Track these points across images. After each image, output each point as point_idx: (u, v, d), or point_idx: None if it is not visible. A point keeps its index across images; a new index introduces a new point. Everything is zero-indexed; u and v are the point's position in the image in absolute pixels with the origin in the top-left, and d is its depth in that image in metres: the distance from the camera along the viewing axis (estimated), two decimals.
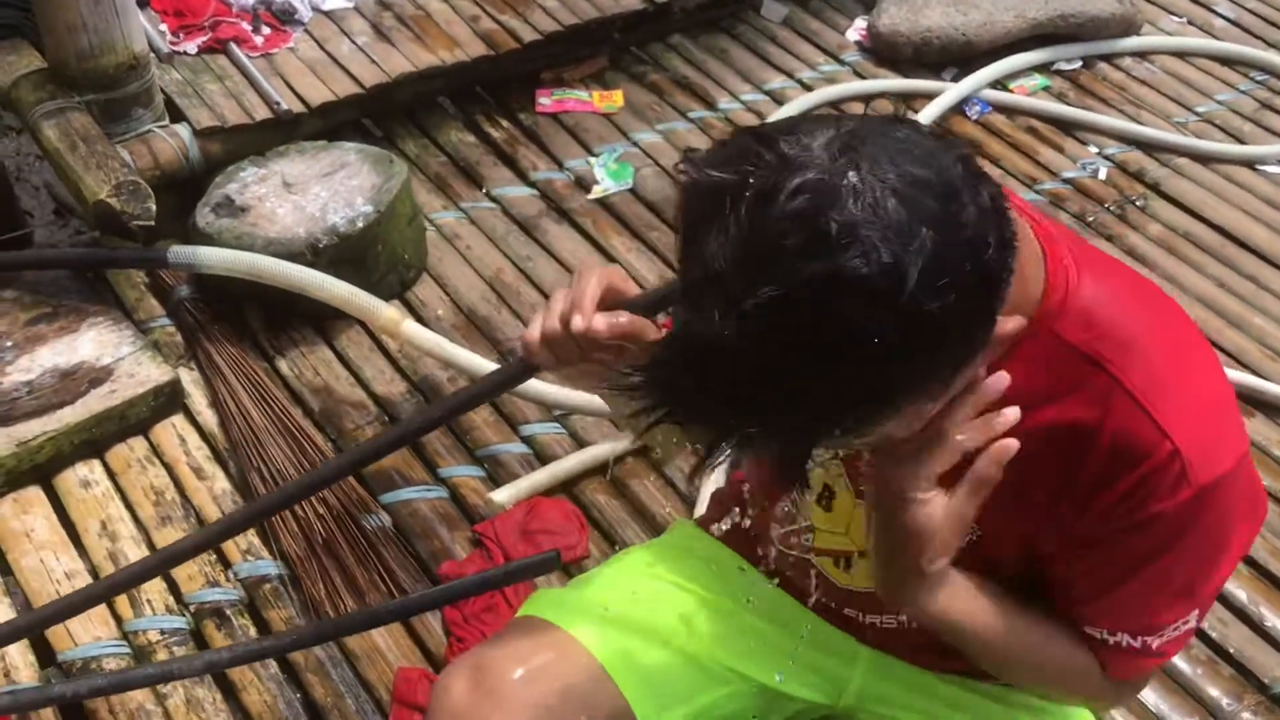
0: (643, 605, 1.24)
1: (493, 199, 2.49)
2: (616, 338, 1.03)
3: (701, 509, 1.82)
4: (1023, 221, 0.93)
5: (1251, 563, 1.89)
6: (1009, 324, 0.87)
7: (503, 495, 1.88)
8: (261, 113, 2.37)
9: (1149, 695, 1.70)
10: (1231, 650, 1.77)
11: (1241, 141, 2.78)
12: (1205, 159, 2.71)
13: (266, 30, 2.57)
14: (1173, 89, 2.94)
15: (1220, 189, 2.64)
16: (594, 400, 1.99)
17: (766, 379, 0.78)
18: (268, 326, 2.17)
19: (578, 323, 1.01)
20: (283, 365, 2.11)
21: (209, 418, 2.01)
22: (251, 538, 1.82)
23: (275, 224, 2.08)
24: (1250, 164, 2.71)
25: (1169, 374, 0.95)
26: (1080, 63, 2.98)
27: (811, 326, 0.76)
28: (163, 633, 1.71)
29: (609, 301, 1.03)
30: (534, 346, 1.05)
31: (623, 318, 1.03)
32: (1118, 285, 0.99)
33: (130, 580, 1.54)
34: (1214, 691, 1.72)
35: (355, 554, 1.79)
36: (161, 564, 1.50)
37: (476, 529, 1.85)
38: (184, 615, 1.74)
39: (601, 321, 1.01)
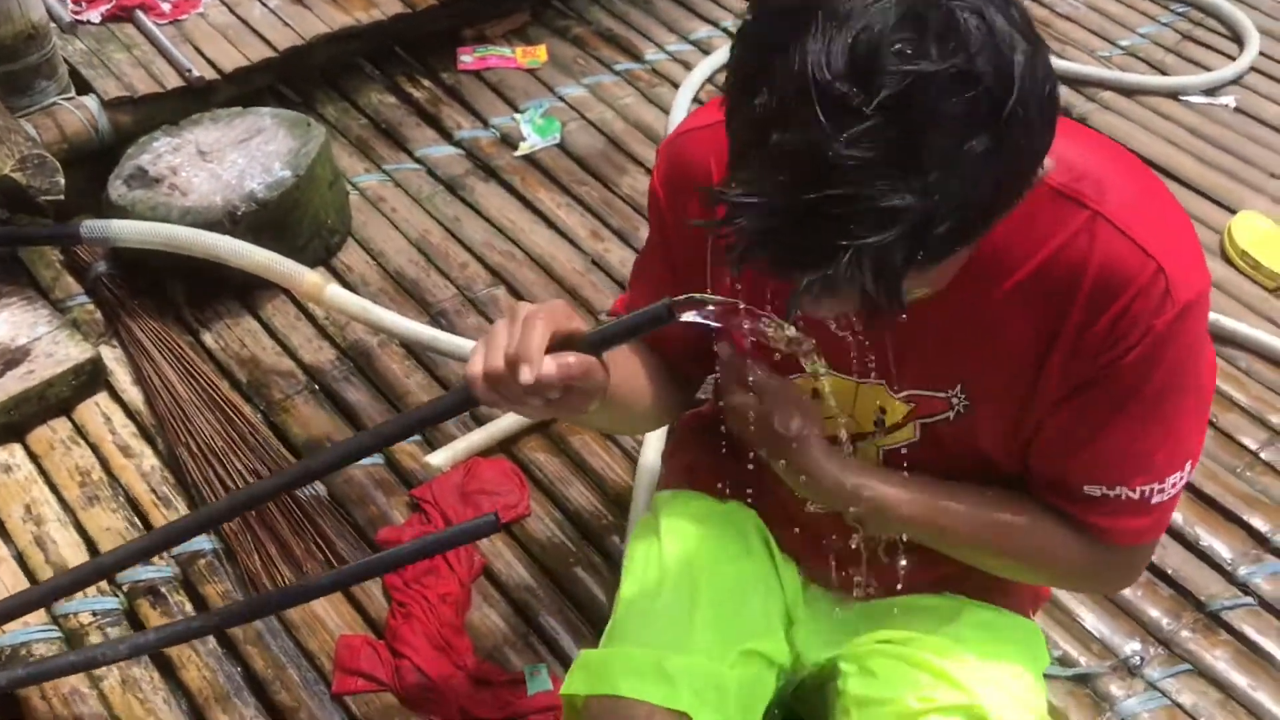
0: (686, 636, 1.24)
1: (417, 160, 2.44)
2: (565, 381, 1.00)
3: (648, 460, 1.81)
4: None
5: (1186, 486, 1.90)
6: (1048, 166, 0.89)
7: (439, 458, 1.85)
8: (173, 81, 2.30)
9: (1090, 618, 1.72)
10: (1170, 571, 1.79)
11: (1164, 73, 2.79)
12: (1130, 91, 2.72)
13: None
14: (1096, 23, 2.95)
15: (1146, 121, 2.66)
16: None
17: (868, 189, 0.77)
18: (190, 300, 2.11)
19: (526, 375, 0.96)
20: (207, 338, 2.06)
21: (134, 395, 1.96)
22: (183, 513, 1.78)
23: (191, 193, 2.02)
24: (1174, 95, 2.73)
25: (1142, 204, 1.00)
26: None
27: (921, 127, 0.77)
28: (95, 614, 1.66)
29: (555, 342, 1.00)
30: (476, 383, 1.00)
31: (571, 359, 0.99)
32: (1086, 136, 1.04)
33: (71, 586, 1.48)
34: (1154, 612, 1.74)
35: (290, 525, 1.76)
36: (98, 572, 1.46)
37: (414, 493, 1.83)
38: (116, 595, 1.69)
39: (551, 367, 0.98)
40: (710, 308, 1.00)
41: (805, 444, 1.13)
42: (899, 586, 1.31)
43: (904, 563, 1.26)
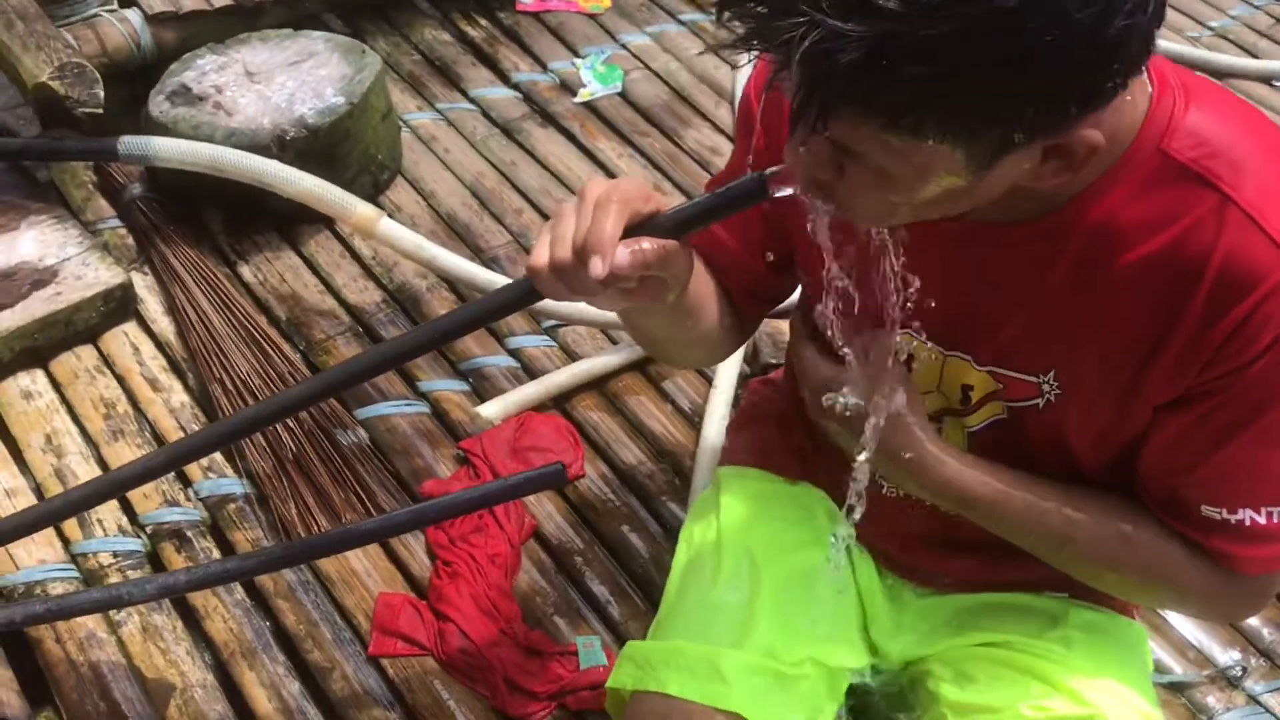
0: (744, 631, 1.14)
1: (471, 100, 2.31)
2: (641, 271, 0.89)
3: (712, 431, 1.69)
4: None
5: None
6: (1091, 132, 0.79)
7: (491, 409, 1.73)
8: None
9: (1186, 624, 1.59)
10: None
11: (1256, 56, 2.66)
12: (1220, 74, 2.58)
13: None
14: (1186, 4, 2.81)
15: None
16: (587, 310, 1.84)
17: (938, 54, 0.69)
18: (228, 229, 1.98)
19: (598, 268, 0.86)
20: (245, 271, 1.94)
21: (165, 325, 1.83)
22: (214, 455, 1.65)
23: (237, 114, 1.89)
24: (1266, 79, 2.59)
25: None
26: None
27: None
28: (115, 555, 1.54)
29: (629, 226, 0.89)
30: (541, 276, 0.90)
31: (647, 244, 0.89)
32: (1228, 109, 0.91)
33: (81, 503, 1.35)
34: (1255, 621, 1.61)
35: (329, 472, 1.64)
36: (114, 486, 1.32)
37: (462, 445, 1.70)
38: (139, 537, 1.57)
39: (625, 259, 0.87)
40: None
41: (904, 422, 1.01)
42: (993, 584, 1.20)
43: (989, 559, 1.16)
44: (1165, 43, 2.63)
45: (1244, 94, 2.55)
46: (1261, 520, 0.96)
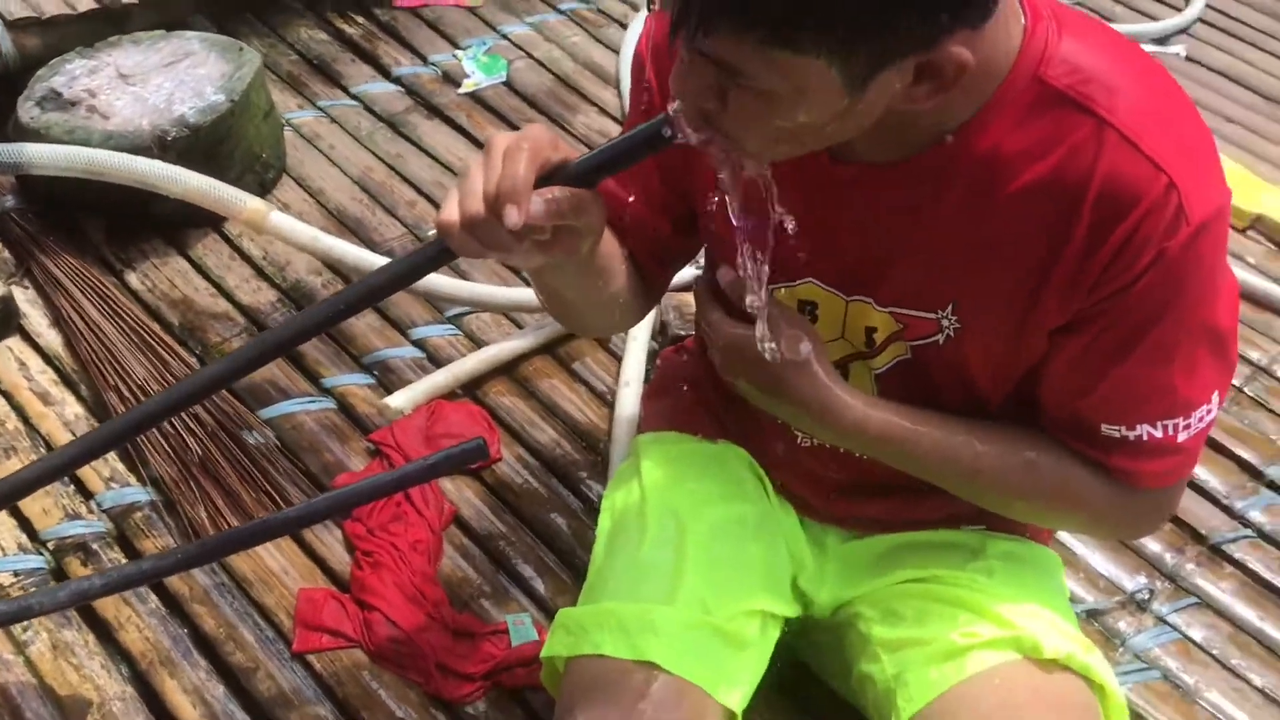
0: (674, 587, 1.14)
1: (353, 97, 2.27)
2: (555, 220, 0.89)
3: (627, 405, 1.69)
4: None
5: None
6: (959, 48, 0.81)
7: (400, 400, 1.70)
8: (85, 3, 2.10)
9: (1095, 555, 1.65)
10: None
11: (1113, 22, 2.77)
12: None
13: None
14: None
15: None
16: (492, 293, 1.83)
17: None
18: (111, 237, 1.92)
19: (513, 217, 0.85)
20: (132, 279, 1.87)
21: (52, 338, 1.76)
22: (114, 463, 1.60)
23: (114, 117, 1.83)
24: None
25: (1156, 112, 0.91)
26: None
27: None
28: (16, 574, 1.47)
29: (540, 175, 0.88)
30: (453, 232, 0.88)
31: (560, 193, 0.88)
32: (1100, 36, 0.94)
33: None
34: (1156, 547, 1.68)
35: (237, 473, 1.59)
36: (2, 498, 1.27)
37: (372, 438, 1.67)
38: (41, 554, 1.51)
39: (540, 208, 0.87)
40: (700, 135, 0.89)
41: (811, 370, 1.03)
42: (911, 522, 1.23)
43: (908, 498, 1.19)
44: None
45: None
46: (1159, 434, 1.00)
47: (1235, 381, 1.94)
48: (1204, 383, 0.99)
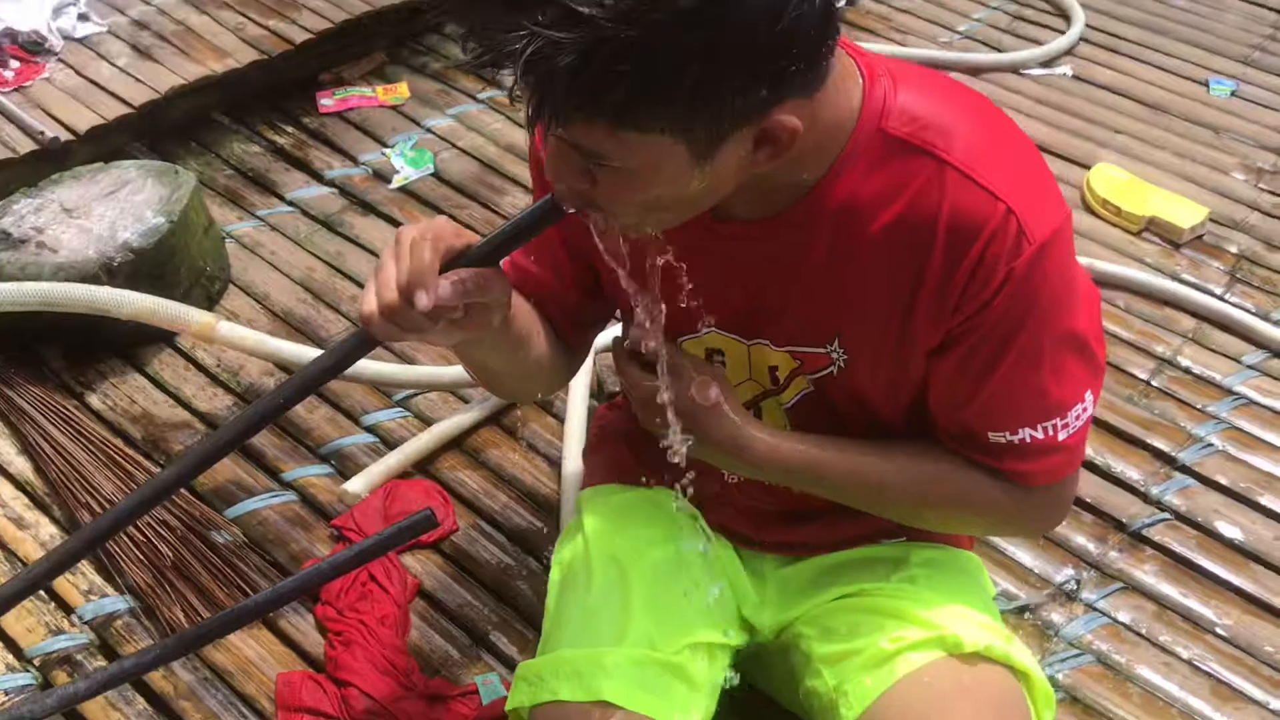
0: (622, 628, 1.22)
1: (289, 203, 2.39)
2: (464, 298, 0.99)
3: (571, 464, 1.78)
4: (839, 47, 0.98)
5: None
6: (788, 117, 0.90)
7: (357, 484, 1.80)
8: (25, 146, 2.22)
9: (1022, 552, 1.76)
10: (1089, 499, 1.84)
11: (1002, 51, 2.93)
12: (975, 71, 2.85)
13: (15, 64, 2.41)
14: (933, 14, 3.08)
15: (993, 95, 2.76)
16: (436, 374, 1.93)
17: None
18: (69, 363, 2.01)
19: (423, 301, 0.95)
20: (93, 400, 1.97)
21: (21, 465, 1.85)
22: (91, 576, 1.68)
23: (62, 249, 1.94)
24: (1015, 69, 2.86)
25: (989, 148, 1.01)
26: (844, 0, 3.08)
27: None
28: (7, 693, 1.55)
29: (445, 261, 0.98)
30: (372, 321, 0.99)
31: (466, 274, 0.98)
32: (931, 86, 1.05)
33: None
34: (1080, 539, 1.79)
35: (209, 572, 1.68)
36: None
37: (335, 524, 1.76)
38: (28, 671, 1.58)
39: (447, 291, 0.97)
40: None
41: (721, 412, 1.14)
42: (838, 542, 1.33)
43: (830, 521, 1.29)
44: (921, 50, 2.88)
45: (998, 84, 2.81)
46: (1040, 436, 1.09)
47: (1142, 375, 2.07)
48: (1074, 384, 1.09)
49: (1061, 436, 1.10)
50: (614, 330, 1.79)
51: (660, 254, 1.08)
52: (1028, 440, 1.10)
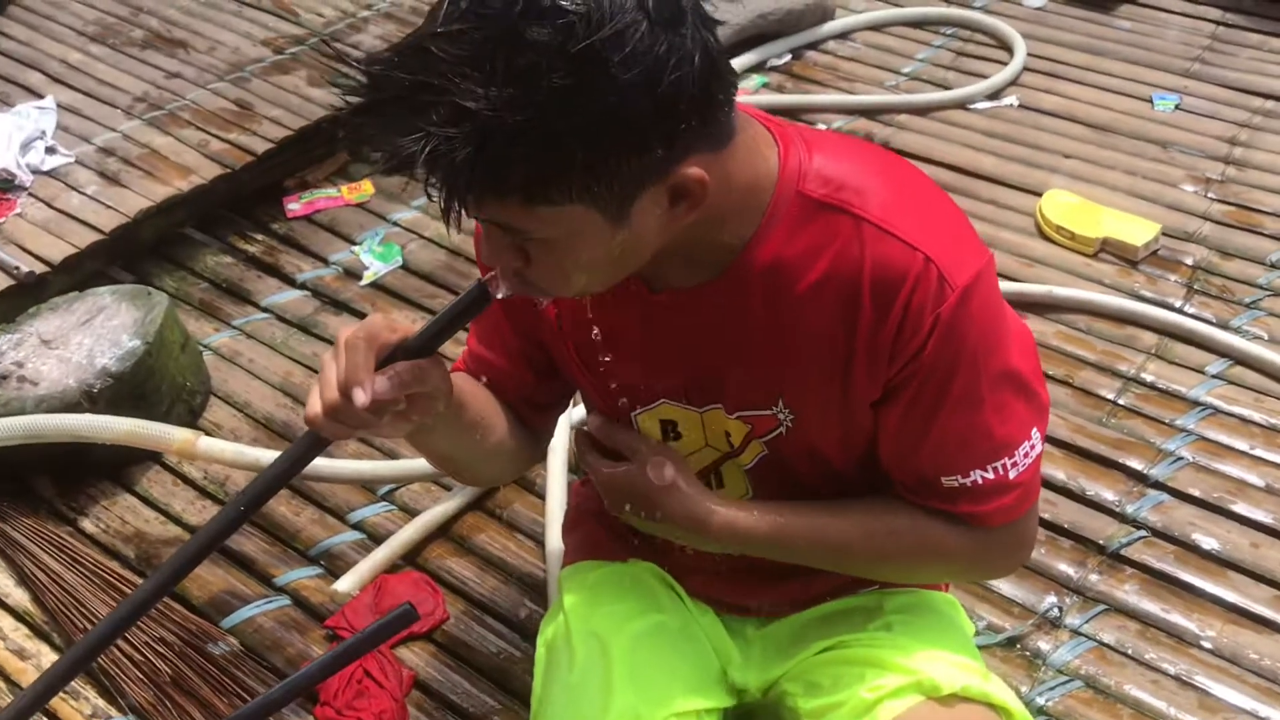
0: (605, 704, 1.24)
1: (264, 310, 2.44)
2: (402, 390, 1.02)
3: (555, 541, 1.81)
4: (748, 115, 1.04)
5: (1061, 444, 2.01)
6: (693, 169, 0.95)
7: (346, 583, 1.83)
8: (2, 282, 2.27)
9: (1004, 584, 1.78)
10: (1066, 524, 1.87)
11: (948, 88, 2.99)
12: (922, 110, 2.91)
13: None
14: (877, 59, 3.14)
15: (942, 132, 2.83)
16: (415, 466, 1.97)
17: (449, 84, 0.84)
18: (60, 491, 2.06)
19: (360, 398, 0.99)
20: (86, 524, 2.01)
21: (20, 597, 1.89)
22: (94, 699, 1.71)
23: (42, 382, 1.99)
24: (962, 105, 2.92)
25: (903, 201, 1.05)
26: (789, 55, 3.15)
27: (504, 40, 0.84)
28: None
29: (382, 356, 1.03)
30: (318, 422, 1.03)
31: (401, 367, 1.02)
32: (846, 150, 1.09)
33: None
34: (1061, 565, 1.81)
35: (209, 684, 1.71)
36: None
37: (328, 624, 1.80)
38: None
39: (384, 386, 1.01)
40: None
41: (678, 489, 1.18)
42: (815, 598, 1.36)
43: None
44: (868, 97, 2.94)
45: (947, 121, 2.87)
46: (991, 476, 1.12)
47: (1109, 395, 2.10)
48: (1019, 422, 1.12)
49: (1013, 475, 1.12)
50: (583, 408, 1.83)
51: (602, 329, 1.12)
52: (980, 481, 1.12)
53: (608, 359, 1.20)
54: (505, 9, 0.84)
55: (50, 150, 2.64)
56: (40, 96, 2.85)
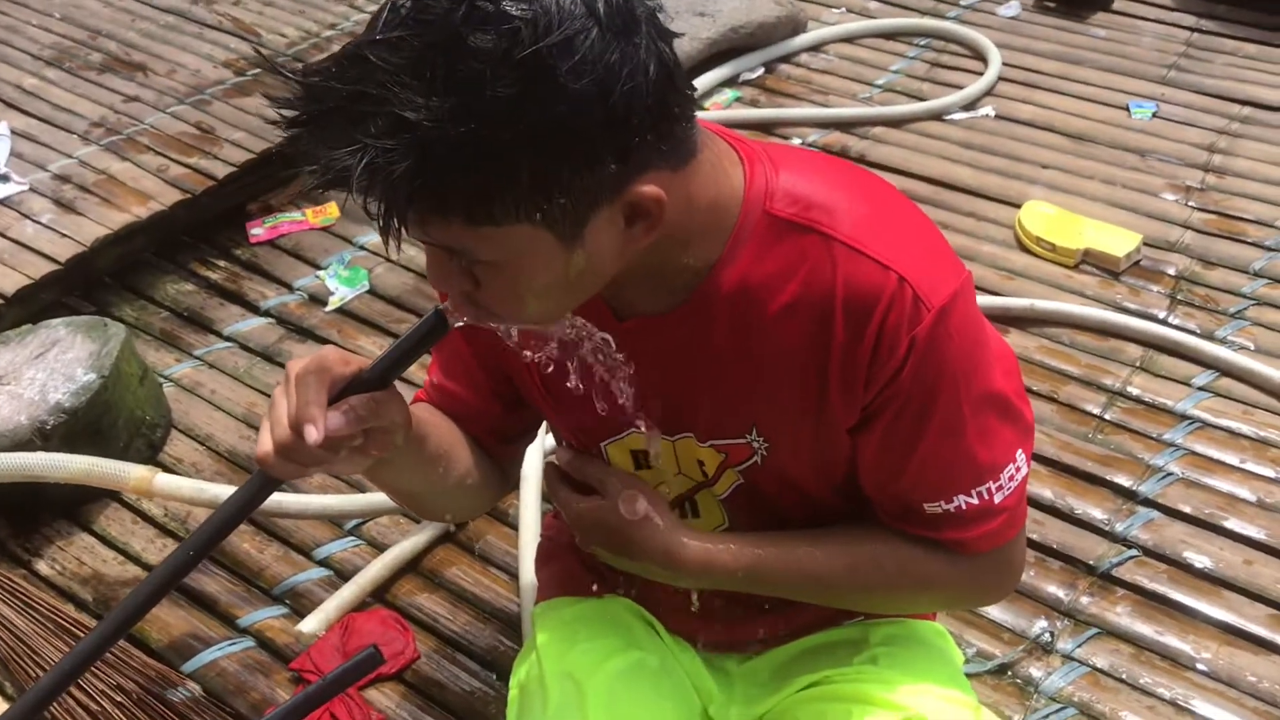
0: None
1: (226, 339, 2.37)
2: (357, 426, 0.97)
3: (528, 577, 1.75)
4: (710, 132, 0.99)
5: (1048, 461, 1.96)
6: (649, 187, 0.89)
7: (311, 624, 1.76)
8: None
9: (993, 609, 1.73)
10: (1054, 545, 1.82)
11: (923, 99, 2.95)
12: (897, 122, 2.87)
13: None
14: (851, 71, 3.10)
15: (919, 144, 2.79)
16: (383, 499, 1.90)
17: (388, 94, 0.80)
18: (14, 532, 1.98)
19: (313, 435, 0.93)
20: (41, 566, 1.93)
21: None
22: None
23: None
24: (937, 116, 2.88)
25: (875, 220, 1.00)
26: (762, 69, 3.11)
27: (445, 48, 0.79)
28: None
29: (335, 391, 0.96)
30: (269, 461, 0.96)
31: (355, 402, 0.96)
32: (815, 167, 1.05)
33: None
34: (1050, 587, 1.76)
35: None
36: None
37: (293, 666, 1.73)
38: None
39: (338, 421, 0.95)
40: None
41: (651, 525, 1.12)
42: (796, 631, 1.30)
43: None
44: (842, 110, 2.90)
45: (922, 133, 2.83)
46: (975, 501, 1.07)
47: (1094, 410, 2.06)
48: (1003, 445, 1.07)
49: (998, 499, 1.08)
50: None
51: (567, 358, 1.07)
52: (963, 507, 1.08)
53: (575, 389, 1.14)
54: (447, 15, 0.80)
55: (3, 178, 2.57)
56: None
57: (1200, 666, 1.64)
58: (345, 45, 0.84)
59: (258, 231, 2.62)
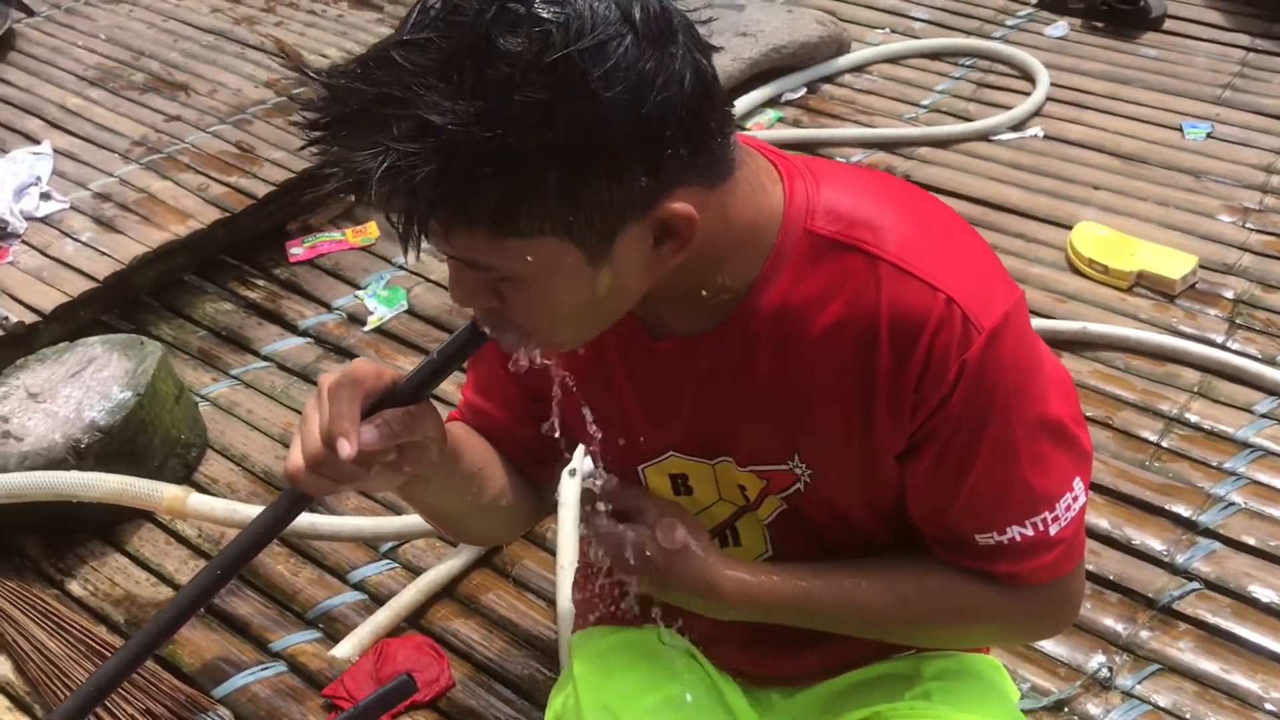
0: None
1: (264, 358, 2.35)
2: (391, 440, 0.93)
3: (565, 602, 1.71)
4: (750, 148, 0.96)
5: (1103, 490, 1.89)
6: (680, 204, 0.86)
7: (345, 649, 1.72)
8: None
9: (1048, 643, 1.66)
10: (1111, 576, 1.75)
11: (970, 119, 2.90)
12: (944, 143, 2.82)
13: None
14: (896, 91, 3.06)
15: (966, 165, 2.74)
16: (419, 521, 1.87)
17: (414, 95, 0.77)
18: (47, 551, 1.96)
19: (346, 449, 0.89)
20: (74, 587, 1.91)
21: (1, 666, 1.79)
22: None
23: (28, 437, 1.89)
24: (984, 136, 2.83)
25: (922, 238, 0.96)
26: (805, 89, 3.07)
27: (474, 51, 0.77)
28: None
29: (368, 404, 0.93)
30: (299, 477, 0.93)
31: (390, 415, 0.93)
32: (858, 182, 1.00)
33: None
34: (1108, 620, 1.70)
35: None
36: None
37: (326, 693, 1.69)
38: None
39: (372, 435, 0.92)
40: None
41: (689, 554, 1.07)
42: (845, 664, 1.25)
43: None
44: (887, 130, 2.85)
45: (970, 153, 2.78)
46: (1030, 532, 1.02)
47: (1151, 437, 1.99)
48: (1059, 473, 1.02)
49: (1053, 531, 1.02)
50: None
51: (606, 379, 1.03)
52: (1017, 539, 1.02)
53: (612, 411, 1.10)
54: (477, 16, 0.77)
55: (45, 196, 2.57)
56: (37, 142, 2.79)
57: (1269, 706, 1.57)
58: (373, 46, 0.81)
59: (297, 251, 2.60)
